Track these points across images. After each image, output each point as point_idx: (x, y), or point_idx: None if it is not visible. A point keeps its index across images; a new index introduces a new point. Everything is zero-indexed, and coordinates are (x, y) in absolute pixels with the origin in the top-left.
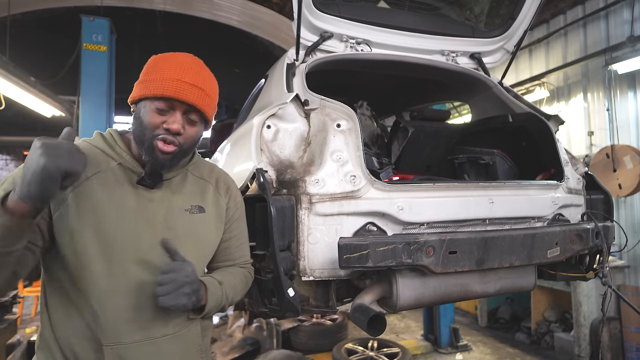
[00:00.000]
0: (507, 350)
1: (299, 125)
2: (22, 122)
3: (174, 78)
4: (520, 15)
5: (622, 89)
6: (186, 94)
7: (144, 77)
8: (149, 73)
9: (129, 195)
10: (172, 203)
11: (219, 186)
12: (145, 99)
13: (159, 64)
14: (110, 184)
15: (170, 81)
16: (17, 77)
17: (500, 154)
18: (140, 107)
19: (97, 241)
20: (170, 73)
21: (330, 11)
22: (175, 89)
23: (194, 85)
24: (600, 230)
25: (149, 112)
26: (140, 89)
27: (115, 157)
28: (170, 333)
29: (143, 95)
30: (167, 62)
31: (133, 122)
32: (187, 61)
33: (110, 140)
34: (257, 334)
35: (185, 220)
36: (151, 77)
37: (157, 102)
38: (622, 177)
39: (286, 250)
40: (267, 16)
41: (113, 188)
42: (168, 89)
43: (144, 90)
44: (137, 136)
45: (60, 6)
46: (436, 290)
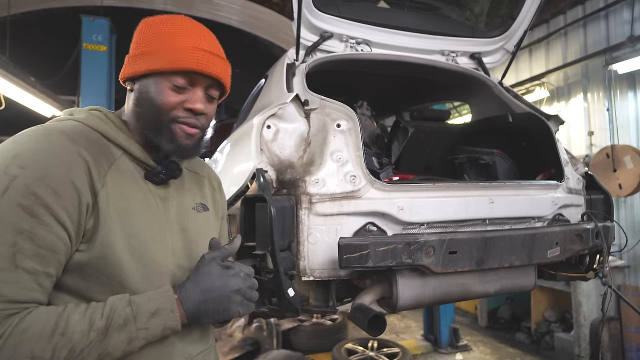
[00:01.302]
0: (507, 350)
1: (299, 125)
2: (22, 122)
3: (191, 46)
4: (520, 15)
5: (622, 89)
6: (210, 66)
7: (146, 47)
8: (152, 41)
9: (146, 193)
10: (180, 201)
11: (212, 181)
12: (155, 74)
13: (166, 31)
14: (126, 179)
15: (189, 50)
16: (17, 77)
17: (500, 154)
18: (148, 85)
19: (130, 251)
20: (187, 41)
21: (330, 11)
22: (198, 59)
23: (214, 53)
24: (600, 230)
25: (164, 90)
26: (146, 61)
27: (123, 145)
28: (204, 349)
29: (152, 70)
30: (177, 28)
31: (135, 104)
32: (199, 27)
33: (114, 123)
34: (257, 334)
35: (195, 219)
36: (158, 46)
37: (174, 77)
38: (622, 177)
39: (286, 250)
40: (267, 16)
41: (130, 184)
42: (188, 60)
43: (153, 63)
44: (148, 122)
45: (60, 6)
46: (436, 290)
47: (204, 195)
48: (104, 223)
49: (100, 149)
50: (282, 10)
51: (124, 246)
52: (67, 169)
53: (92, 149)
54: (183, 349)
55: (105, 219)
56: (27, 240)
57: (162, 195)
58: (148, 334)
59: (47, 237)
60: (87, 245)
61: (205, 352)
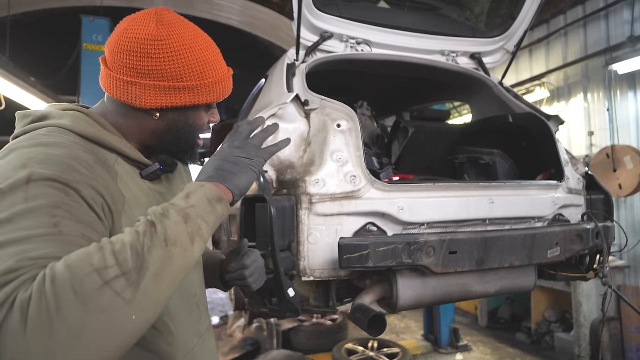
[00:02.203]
0: (507, 350)
1: (299, 125)
2: None
3: (228, 74)
4: (520, 15)
5: (622, 89)
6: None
7: (194, 82)
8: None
9: (147, 192)
10: (172, 192)
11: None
12: (200, 105)
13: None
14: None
15: (228, 79)
16: (17, 77)
17: (500, 154)
18: (187, 114)
19: None
20: (223, 68)
21: (330, 11)
22: (231, 84)
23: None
24: (600, 230)
25: (202, 116)
26: (194, 95)
27: (116, 148)
28: (207, 326)
29: (200, 102)
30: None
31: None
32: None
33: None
34: (257, 334)
35: None
36: (205, 80)
37: (214, 104)
38: (622, 177)
39: (286, 250)
40: (267, 16)
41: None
42: (228, 88)
43: (201, 95)
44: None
45: (60, 6)
46: (436, 290)
47: (183, 181)
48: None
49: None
50: (282, 10)
51: None
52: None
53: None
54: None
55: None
56: (65, 212)
57: (159, 190)
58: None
59: (82, 213)
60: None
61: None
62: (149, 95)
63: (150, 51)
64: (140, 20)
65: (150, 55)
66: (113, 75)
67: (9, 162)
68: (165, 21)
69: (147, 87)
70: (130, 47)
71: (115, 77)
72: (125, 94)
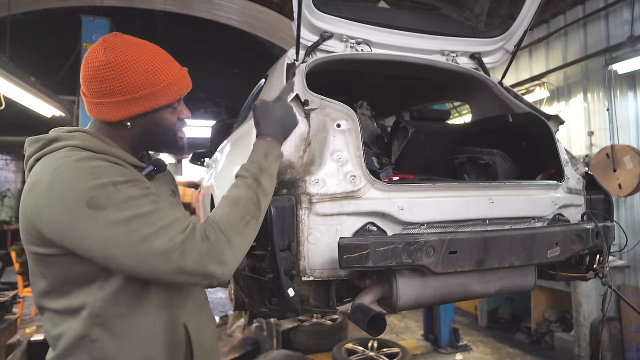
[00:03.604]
0: (507, 350)
1: (299, 125)
2: (22, 122)
3: (179, 74)
4: (520, 15)
5: (622, 89)
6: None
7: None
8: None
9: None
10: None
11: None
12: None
13: (151, 66)
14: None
15: (183, 78)
16: (17, 77)
17: (500, 154)
18: (153, 118)
19: None
20: (174, 70)
21: (330, 11)
22: (187, 83)
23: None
24: (600, 230)
25: (168, 117)
26: (149, 102)
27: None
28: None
29: (158, 106)
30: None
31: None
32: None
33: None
34: (257, 334)
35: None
36: (157, 86)
37: (174, 103)
38: (622, 177)
39: (286, 250)
40: (267, 16)
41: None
42: (184, 87)
43: (158, 101)
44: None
45: (60, 6)
46: (436, 290)
47: (169, 182)
48: None
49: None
50: (282, 10)
51: None
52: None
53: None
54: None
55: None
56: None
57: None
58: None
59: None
60: None
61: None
62: (115, 110)
63: (104, 74)
64: (93, 51)
65: (105, 78)
66: (88, 100)
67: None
68: (111, 46)
69: (112, 104)
70: (90, 75)
71: (89, 101)
72: (99, 113)
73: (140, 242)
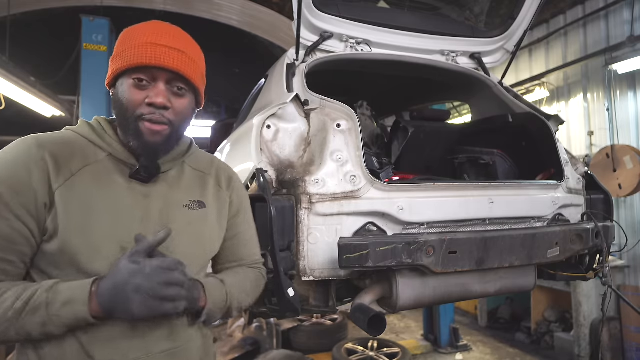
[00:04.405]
0: (507, 350)
1: (299, 125)
2: (22, 122)
3: (147, 42)
4: (520, 15)
5: (622, 89)
6: (165, 58)
7: (116, 51)
8: (120, 45)
9: (121, 191)
10: (169, 199)
11: (219, 179)
12: (122, 75)
13: (131, 33)
14: (101, 177)
15: (145, 46)
16: (17, 77)
17: (500, 154)
18: (118, 86)
19: (87, 245)
20: (144, 38)
21: (330, 11)
22: (152, 53)
23: (172, 47)
24: (600, 230)
25: (128, 89)
26: (114, 64)
27: (105, 147)
28: (170, 347)
29: (118, 70)
30: (140, 29)
31: (113, 107)
32: (162, 25)
33: (99, 128)
34: (257, 334)
35: (184, 216)
36: (124, 47)
37: (135, 74)
38: (622, 177)
39: (286, 250)
40: (267, 16)
41: (104, 183)
42: (143, 55)
43: (118, 63)
44: (120, 121)
45: (60, 6)
46: (436, 290)
47: (205, 194)
48: (61, 220)
49: (77, 151)
50: (282, 10)
51: (83, 241)
52: (27, 172)
53: (64, 152)
54: (141, 345)
55: (61, 216)
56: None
57: (145, 192)
58: (61, 321)
59: (4, 229)
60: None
61: (172, 351)
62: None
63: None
64: None
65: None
66: None
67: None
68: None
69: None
70: None
71: None
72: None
73: None
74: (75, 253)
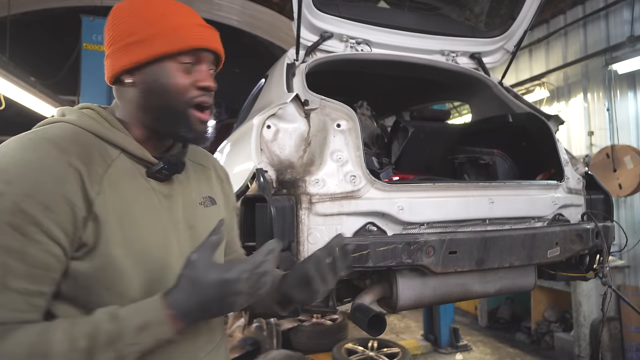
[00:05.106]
0: (507, 350)
1: (299, 125)
2: (22, 122)
3: (191, 23)
4: (520, 15)
5: (622, 89)
6: (212, 40)
7: (141, 34)
8: (146, 26)
9: (148, 193)
10: (186, 197)
11: (218, 172)
12: (161, 59)
13: (154, 12)
14: (126, 180)
15: (190, 27)
16: (17, 77)
17: (500, 154)
18: (154, 72)
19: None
20: (182, 18)
21: (330, 11)
22: (202, 36)
23: (210, 28)
24: (600, 230)
25: (173, 73)
26: (146, 48)
27: (119, 144)
28: (211, 348)
29: (158, 54)
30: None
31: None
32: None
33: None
34: (257, 334)
35: (203, 215)
36: (156, 29)
37: (182, 57)
38: (622, 177)
39: (286, 250)
40: (267, 16)
41: (130, 185)
42: (194, 38)
43: (156, 47)
44: (161, 112)
45: (60, 6)
46: (436, 290)
47: (212, 188)
48: (103, 233)
49: (94, 152)
50: (282, 10)
51: (126, 254)
52: (58, 182)
53: (85, 154)
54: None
55: (104, 229)
56: (17, 260)
57: (166, 192)
58: (139, 348)
59: (39, 255)
60: (88, 256)
61: (213, 351)
62: (114, 61)
63: (114, 21)
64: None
65: (114, 24)
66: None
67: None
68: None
69: (113, 54)
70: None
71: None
72: (106, 71)
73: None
74: (118, 268)
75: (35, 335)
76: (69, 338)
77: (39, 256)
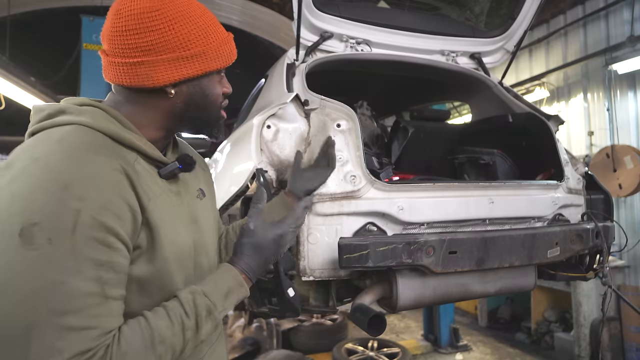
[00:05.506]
0: (507, 350)
1: (299, 125)
2: (22, 122)
3: (229, 38)
4: (520, 15)
5: (622, 89)
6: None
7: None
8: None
9: (167, 193)
10: (188, 192)
11: (200, 162)
12: (212, 72)
13: (203, 21)
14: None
15: (230, 39)
16: (17, 77)
17: (500, 154)
18: (202, 84)
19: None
20: (219, 29)
21: (330, 11)
22: (235, 47)
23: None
24: (600, 230)
25: (215, 84)
26: (201, 63)
27: (136, 147)
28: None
29: (210, 69)
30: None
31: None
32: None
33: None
34: (257, 334)
35: (200, 208)
36: (210, 45)
37: (223, 71)
38: (622, 177)
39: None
40: (267, 16)
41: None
42: (233, 53)
43: (210, 63)
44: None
45: (60, 6)
46: (436, 290)
47: (199, 180)
48: (157, 236)
49: (119, 156)
50: (282, 10)
51: (173, 256)
52: (119, 190)
53: (120, 157)
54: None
55: (157, 231)
56: (109, 270)
57: (175, 190)
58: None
59: (122, 262)
60: (141, 259)
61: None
62: (159, 72)
63: (149, 24)
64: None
65: (150, 28)
66: (117, 62)
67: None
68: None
69: (156, 64)
70: (128, 27)
71: (119, 62)
72: (135, 77)
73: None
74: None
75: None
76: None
77: (122, 263)
